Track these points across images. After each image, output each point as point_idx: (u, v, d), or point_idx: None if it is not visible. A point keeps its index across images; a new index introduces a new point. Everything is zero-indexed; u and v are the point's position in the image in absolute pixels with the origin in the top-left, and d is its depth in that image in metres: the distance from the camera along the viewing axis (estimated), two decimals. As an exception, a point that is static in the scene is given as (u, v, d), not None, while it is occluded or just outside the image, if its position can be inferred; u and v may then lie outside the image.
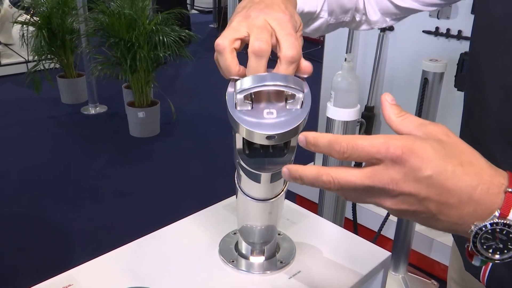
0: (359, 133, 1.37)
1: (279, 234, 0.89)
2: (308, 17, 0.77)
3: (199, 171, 3.17)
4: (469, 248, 0.44)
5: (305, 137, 0.48)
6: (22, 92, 4.27)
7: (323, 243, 0.89)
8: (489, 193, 0.42)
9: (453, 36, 1.86)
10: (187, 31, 3.60)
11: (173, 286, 0.76)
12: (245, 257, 0.82)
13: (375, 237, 1.87)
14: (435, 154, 0.42)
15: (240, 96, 0.56)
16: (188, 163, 3.29)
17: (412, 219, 0.47)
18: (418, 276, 2.09)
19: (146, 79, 3.45)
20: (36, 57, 3.99)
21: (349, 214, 1.71)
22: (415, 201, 0.43)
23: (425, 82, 1.67)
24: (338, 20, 0.83)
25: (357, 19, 0.87)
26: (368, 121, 2.12)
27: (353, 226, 1.80)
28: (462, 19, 1.82)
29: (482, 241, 0.43)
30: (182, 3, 6.02)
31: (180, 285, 0.77)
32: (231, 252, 0.84)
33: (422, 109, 1.69)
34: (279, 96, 0.57)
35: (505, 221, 0.41)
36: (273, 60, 0.57)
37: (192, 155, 3.40)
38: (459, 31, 1.84)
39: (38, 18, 3.96)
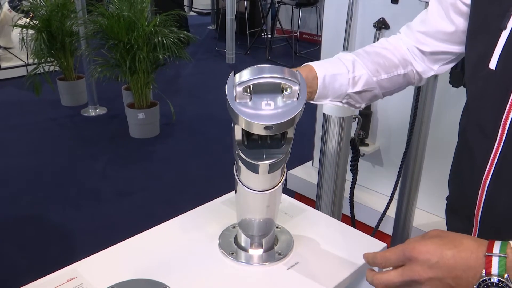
0: (356, 129, 1.39)
1: (277, 227, 0.91)
2: (341, 82, 0.86)
3: (199, 171, 3.19)
4: None
5: (365, 257, 0.70)
6: (23, 95, 4.29)
7: (320, 235, 0.92)
8: (478, 259, 0.57)
9: (448, 34, 1.88)
10: (186, 32, 3.62)
11: (175, 278, 0.78)
12: (244, 250, 0.85)
13: (373, 233, 1.89)
14: (434, 246, 0.60)
15: (239, 89, 0.59)
16: (188, 163, 3.31)
17: None
18: (417, 271, 2.11)
19: (145, 81, 3.47)
20: (36, 60, 4.01)
21: (346, 211, 1.73)
22: (437, 282, 0.59)
23: (420, 79, 1.69)
24: (391, 75, 0.91)
25: (409, 70, 0.93)
26: (365, 118, 2.14)
27: (351, 222, 1.82)
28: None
29: None
30: (179, 5, 6.05)
31: (181, 277, 0.79)
32: (230, 245, 0.86)
33: (418, 106, 1.71)
34: (277, 88, 0.60)
35: (491, 278, 0.56)
36: (273, 61, 0.59)
37: (192, 156, 3.42)
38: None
39: (37, 21, 3.98)
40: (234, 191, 0.80)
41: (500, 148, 0.70)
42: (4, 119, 3.97)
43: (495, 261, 0.56)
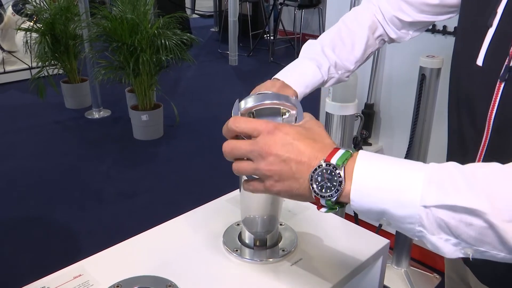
0: (359, 128, 1.40)
1: (281, 224, 0.92)
2: (317, 86, 0.92)
3: (203, 173, 3.20)
4: (313, 195, 0.57)
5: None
6: (27, 98, 4.32)
7: (324, 232, 0.93)
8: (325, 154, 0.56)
9: (449, 33, 1.89)
10: (188, 34, 3.63)
11: (180, 275, 0.79)
12: (249, 247, 0.86)
13: (376, 232, 1.89)
14: (296, 132, 0.58)
15: (243, 114, 0.67)
16: (191, 164, 3.32)
17: (281, 190, 0.59)
18: (420, 270, 2.11)
19: (149, 83, 3.49)
20: (39, 63, 4.04)
21: (349, 210, 1.73)
22: (280, 161, 0.57)
23: (422, 78, 1.70)
24: (362, 60, 0.97)
25: (380, 41, 1.00)
26: (368, 118, 2.15)
27: (354, 221, 1.83)
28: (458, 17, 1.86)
29: (316, 182, 0.56)
30: (182, 7, 6.07)
31: (186, 273, 0.80)
32: (235, 242, 0.87)
33: (420, 104, 1.72)
34: (277, 113, 0.68)
35: (327, 163, 0.55)
36: (276, 62, 0.61)
37: (196, 157, 3.43)
38: (455, 28, 1.87)
39: (41, 25, 4.00)
40: (237, 190, 0.81)
41: (488, 139, 0.73)
42: (9, 122, 3.99)
43: (339, 152, 0.55)
